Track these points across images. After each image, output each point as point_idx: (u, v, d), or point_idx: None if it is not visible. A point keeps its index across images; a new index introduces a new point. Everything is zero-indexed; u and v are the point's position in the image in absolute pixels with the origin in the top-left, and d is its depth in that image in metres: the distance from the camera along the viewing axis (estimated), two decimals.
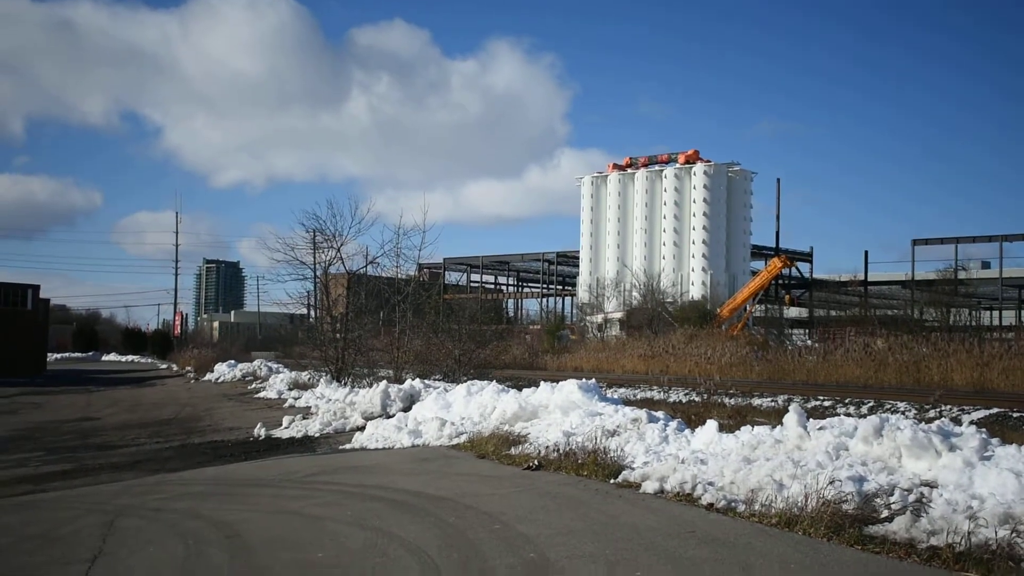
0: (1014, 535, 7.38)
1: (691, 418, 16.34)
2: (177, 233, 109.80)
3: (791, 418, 11.51)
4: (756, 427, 12.58)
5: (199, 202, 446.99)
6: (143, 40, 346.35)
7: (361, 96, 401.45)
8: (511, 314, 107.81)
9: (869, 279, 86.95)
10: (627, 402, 19.27)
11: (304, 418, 22.89)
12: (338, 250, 34.29)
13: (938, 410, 22.84)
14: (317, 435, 20.38)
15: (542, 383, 18.56)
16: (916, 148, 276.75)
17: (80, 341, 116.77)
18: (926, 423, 10.73)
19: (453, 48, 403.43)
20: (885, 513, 8.38)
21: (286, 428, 21.48)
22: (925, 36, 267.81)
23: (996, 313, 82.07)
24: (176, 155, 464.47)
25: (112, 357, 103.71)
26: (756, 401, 25.85)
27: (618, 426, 14.15)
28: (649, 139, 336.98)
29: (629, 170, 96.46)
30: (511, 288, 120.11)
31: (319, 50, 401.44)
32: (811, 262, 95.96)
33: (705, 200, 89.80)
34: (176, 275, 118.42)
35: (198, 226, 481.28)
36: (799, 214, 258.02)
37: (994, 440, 10.11)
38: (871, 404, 25.13)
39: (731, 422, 15.78)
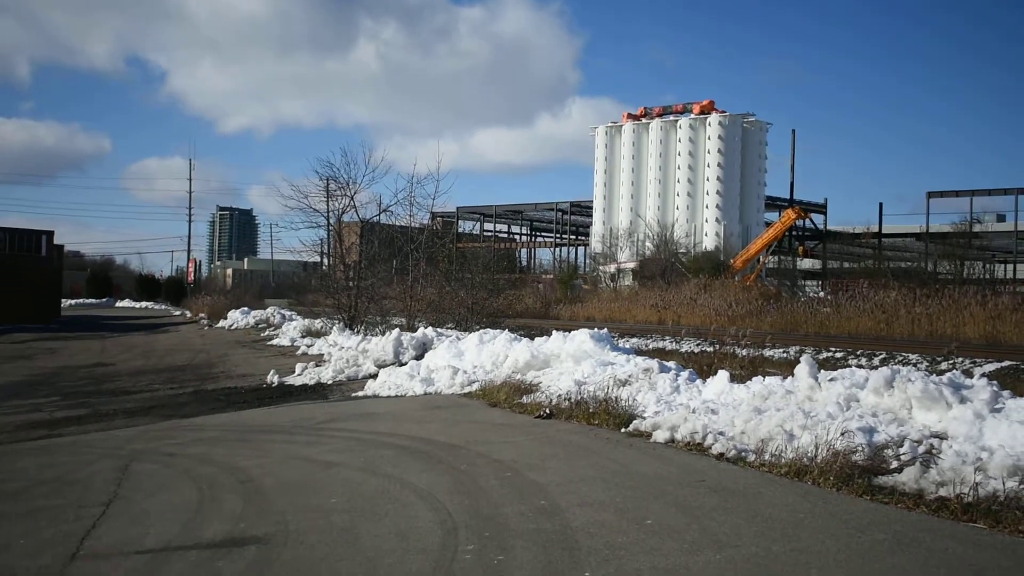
0: (1022, 486, 7.40)
1: (703, 368, 16.35)
2: (191, 180, 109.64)
3: (802, 369, 11.51)
4: (767, 378, 12.58)
5: (207, 148, 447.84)
6: None
7: (368, 43, 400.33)
8: (524, 263, 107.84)
9: (883, 231, 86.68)
10: (639, 352, 19.30)
11: (317, 365, 22.98)
12: (351, 198, 34.22)
13: (950, 362, 22.84)
14: (330, 382, 20.47)
15: (554, 332, 18.59)
16: (933, 99, 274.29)
17: (94, 287, 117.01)
18: (937, 375, 10.72)
19: None
20: (895, 464, 8.40)
21: (299, 375, 21.56)
22: None
23: (1010, 266, 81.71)
24: (182, 100, 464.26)
25: (126, 303, 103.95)
26: (768, 352, 25.81)
27: (630, 375, 14.18)
28: (661, 87, 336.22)
29: (643, 120, 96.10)
30: (524, 238, 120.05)
31: None
32: (825, 214, 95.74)
33: (720, 151, 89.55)
34: (190, 222, 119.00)
35: (207, 172, 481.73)
36: (814, 165, 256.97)
37: (1005, 392, 10.09)
38: (883, 356, 25.13)
39: (743, 373, 15.77)
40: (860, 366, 18.96)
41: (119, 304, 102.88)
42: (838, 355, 25.67)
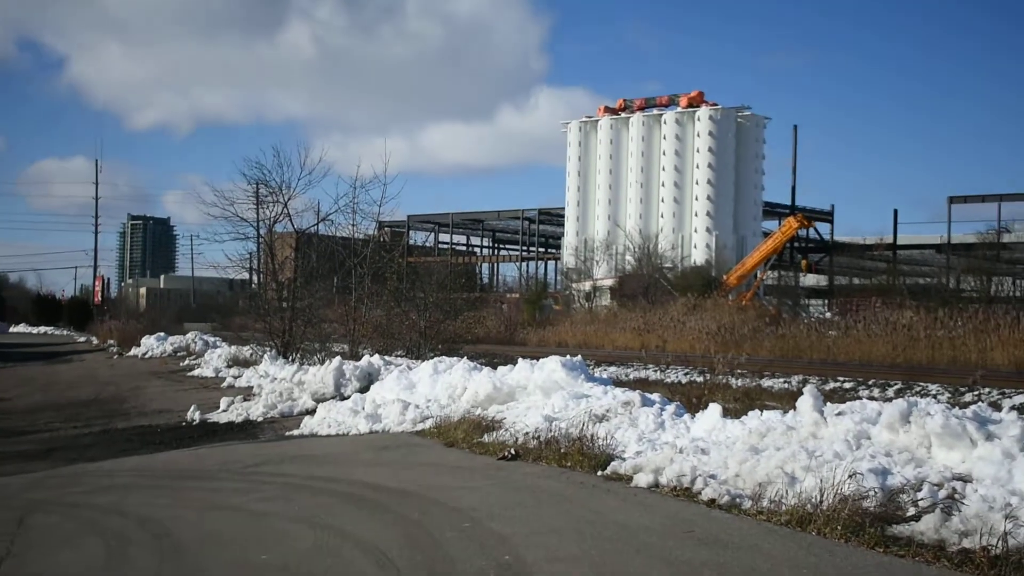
0: None
1: (691, 401, 16.41)
2: (97, 183, 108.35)
3: (806, 402, 11.56)
4: (766, 412, 12.62)
5: (116, 147, 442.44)
6: None
7: (302, 23, 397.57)
8: (485, 280, 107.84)
9: (898, 242, 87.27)
10: (618, 382, 19.37)
11: (245, 400, 22.86)
12: (285, 205, 34.13)
13: (975, 393, 23.00)
14: (260, 419, 20.38)
15: (520, 360, 18.62)
16: (952, 92, 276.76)
17: None
18: (960, 408, 10.78)
19: None
20: (911, 511, 8.43)
21: (224, 411, 21.47)
22: None
23: None
24: (85, 91, 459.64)
25: (21, 328, 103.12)
26: (766, 382, 25.95)
27: (607, 410, 14.20)
28: (643, 76, 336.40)
29: (623, 114, 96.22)
30: (485, 251, 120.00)
31: None
32: (831, 222, 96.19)
33: (711, 149, 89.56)
34: (96, 233, 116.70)
35: (116, 175, 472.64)
36: (818, 167, 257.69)
37: None
38: (898, 386, 25.28)
39: (737, 406, 15.86)
40: (872, 398, 19.11)
41: (13, 329, 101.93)
42: (847, 385, 25.79)
